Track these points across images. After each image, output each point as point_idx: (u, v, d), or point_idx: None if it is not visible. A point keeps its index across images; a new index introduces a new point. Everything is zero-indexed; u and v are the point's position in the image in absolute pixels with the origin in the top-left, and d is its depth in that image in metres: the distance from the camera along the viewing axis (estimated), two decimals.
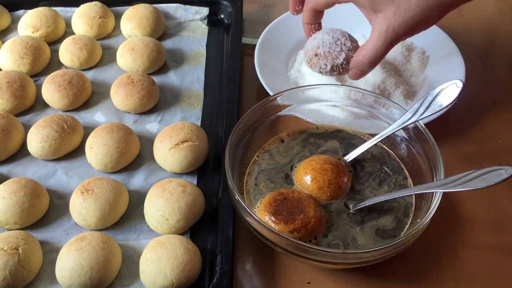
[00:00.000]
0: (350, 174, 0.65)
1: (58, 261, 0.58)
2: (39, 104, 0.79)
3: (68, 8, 0.94)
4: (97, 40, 0.88)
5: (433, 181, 0.60)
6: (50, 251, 0.61)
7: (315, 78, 0.78)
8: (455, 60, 0.80)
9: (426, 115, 0.63)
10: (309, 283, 0.60)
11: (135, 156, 0.71)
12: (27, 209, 0.63)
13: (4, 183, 0.65)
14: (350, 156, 0.66)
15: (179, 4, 0.93)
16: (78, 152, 0.72)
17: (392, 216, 0.61)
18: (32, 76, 0.82)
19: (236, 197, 0.57)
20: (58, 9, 0.92)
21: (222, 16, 0.93)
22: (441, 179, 0.58)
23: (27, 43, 0.83)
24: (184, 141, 0.68)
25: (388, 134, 0.65)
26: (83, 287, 0.56)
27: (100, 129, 0.70)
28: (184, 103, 0.79)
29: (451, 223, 0.66)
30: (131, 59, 0.82)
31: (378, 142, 0.66)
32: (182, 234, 0.62)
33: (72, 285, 0.57)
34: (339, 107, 0.71)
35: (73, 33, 0.91)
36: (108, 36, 0.91)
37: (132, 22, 0.87)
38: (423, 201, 0.60)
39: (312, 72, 0.80)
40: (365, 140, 0.68)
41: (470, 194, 0.67)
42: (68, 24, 0.92)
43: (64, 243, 0.60)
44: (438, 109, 0.63)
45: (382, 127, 0.66)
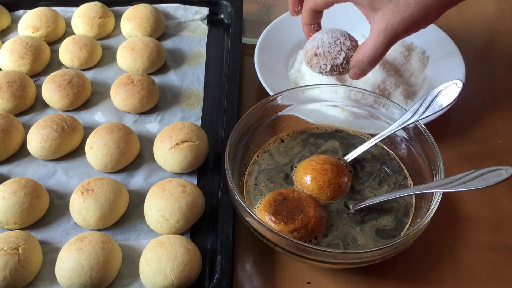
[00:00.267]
0: (350, 174, 0.65)
1: (58, 261, 0.58)
2: (39, 104, 0.79)
3: (68, 8, 0.94)
4: (97, 40, 0.88)
5: (433, 181, 0.60)
6: (50, 251, 0.61)
7: (315, 78, 0.78)
8: (455, 60, 0.80)
9: (426, 115, 0.63)
10: (309, 283, 0.60)
11: (135, 156, 0.71)
12: (27, 209, 0.63)
13: (4, 183, 0.65)
14: (350, 156, 0.66)
15: (179, 4, 0.93)
16: (78, 152, 0.72)
17: (392, 216, 0.61)
18: (32, 76, 0.82)
19: (236, 197, 0.57)
20: (58, 9, 0.92)
21: (222, 16, 0.93)
22: (441, 179, 0.58)
23: (27, 43, 0.83)
24: (184, 141, 0.68)
25: (388, 134, 0.65)
26: (83, 287, 0.56)
27: (100, 129, 0.70)
28: (184, 103, 0.79)
29: (451, 223, 0.66)
30: (131, 59, 0.81)
31: (378, 143, 0.66)
32: (182, 234, 0.62)
33: (72, 285, 0.57)
34: (339, 107, 0.71)
35: (73, 33, 0.91)
36: (108, 36, 0.91)
37: (132, 22, 0.87)
38: (423, 201, 0.60)
39: (312, 72, 0.80)
40: (365, 140, 0.68)
41: (470, 194, 0.67)
42: (68, 24, 0.92)
43: (64, 243, 0.60)
44: (438, 109, 0.63)
45: (382, 127, 0.66)
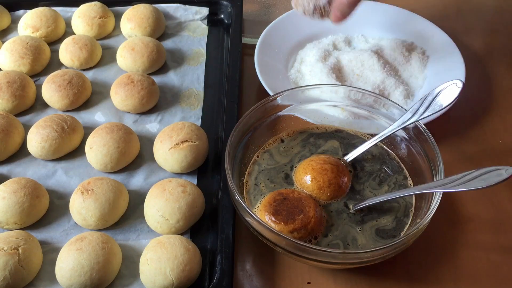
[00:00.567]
0: (350, 174, 0.65)
1: (58, 261, 0.58)
2: (39, 104, 0.79)
3: (68, 8, 0.94)
4: (97, 40, 0.88)
5: (433, 181, 0.60)
6: (50, 251, 0.61)
7: (315, 78, 0.78)
8: (455, 60, 0.80)
9: (426, 115, 0.63)
10: (309, 283, 0.60)
11: (135, 156, 0.71)
12: (27, 209, 0.63)
13: (4, 183, 0.65)
14: (350, 156, 0.66)
15: (179, 4, 0.93)
16: (78, 152, 0.72)
17: (392, 216, 0.61)
18: (32, 76, 0.82)
19: (236, 197, 0.57)
20: (58, 9, 0.92)
21: (222, 16, 0.93)
22: (441, 179, 0.58)
23: (27, 43, 0.83)
24: (184, 141, 0.68)
25: (388, 134, 0.65)
26: (83, 287, 0.56)
27: (100, 129, 0.70)
28: (184, 103, 0.79)
29: (451, 223, 0.66)
30: (131, 59, 0.81)
31: (378, 143, 0.66)
32: (182, 234, 0.62)
33: (72, 285, 0.57)
34: (339, 107, 0.71)
35: (73, 33, 0.91)
36: (108, 36, 0.91)
37: (132, 22, 0.87)
38: (423, 201, 0.60)
39: (312, 72, 0.80)
40: (365, 140, 0.68)
41: (470, 194, 0.67)
42: (68, 24, 0.92)
43: (64, 243, 0.60)
44: (438, 109, 0.63)
45: (382, 127, 0.66)
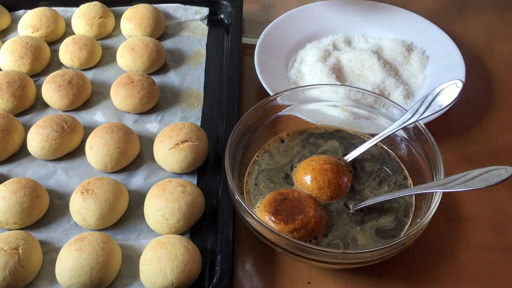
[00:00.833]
0: (350, 174, 0.65)
1: (58, 261, 0.58)
2: (39, 104, 0.79)
3: (68, 8, 0.94)
4: (97, 40, 0.88)
5: (433, 181, 0.60)
6: (50, 251, 0.61)
7: (315, 78, 0.78)
8: (455, 60, 0.80)
9: (426, 115, 0.63)
10: (309, 283, 0.60)
11: (135, 156, 0.71)
12: (27, 209, 0.63)
13: (4, 183, 0.65)
14: (350, 156, 0.66)
15: (179, 4, 0.93)
16: (78, 152, 0.72)
17: (392, 216, 0.61)
18: (32, 76, 0.82)
19: (236, 197, 0.57)
20: (58, 9, 0.92)
21: (222, 16, 0.93)
22: (441, 179, 0.58)
23: (27, 43, 0.83)
24: (184, 141, 0.68)
25: (388, 134, 0.65)
26: (83, 287, 0.56)
27: (100, 129, 0.70)
28: (184, 103, 0.79)
29: (451, 223, 0.66)
30: (131, 59, 0.81)
31: (378, 143, 0.66)
32: (182, 234, 0.62)
33: (72, 285, 0.57)
34: (339, 107, 0.71)
35: (73, 33, 0.91)
36: (108, 36, 0.91)
37: (132, 22, 0.87)
38: (423, 201, 0.60)
39: (312, 72, 0.80)
40: (365, 140, 0.68)
41: (470, 194, 0.67)
42: (68, 24, 0.92)
43: (64, 243, 0.60)
44: (438, 109, 0.63)
45: (382, 127, 0.66)
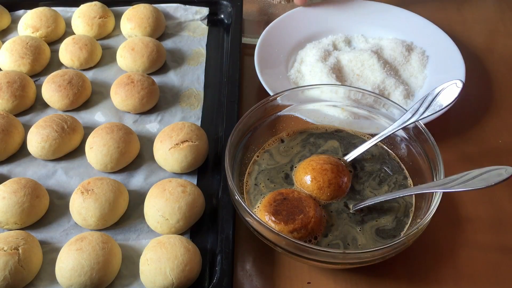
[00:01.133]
0: (350, 174, 0.65)
1: (58, 261, 0.58)
2: (39, 104, 0.79)
3: (68, 8, 0.94)
4: (97, 40, 0.88)
5: (433, 181, 0.60)
6: (50, 251, 0.61)
7: (315, 78, 0.78)
8: (455, 60, 0.80)
9: (426, 115, 0.63)
10: (309, 283, 0.60)
11: (135, 156, 0.71)
12: (27, 209, 0.63)
13: (4, 183, 0.65)
14: (350, 156, 0.66)
15: (179, 4, 0.93)
16: (78, 152, 0.72)
17: (392, 216, 0.61)
18: (32, 76, 0.82)
19: (236, 197, 0.57)
20: (58, 9, 0.92)
21: (222, 16, 0.93)
22: (441, 179, 0.58)
23: (27, 43, 0.83)
24: (184, 141, 0.68)
25: (388, 134, 0.65)
26: (83, 287, 0.56)
27: (100, 129, 0.70)
28: (184, 103, 0.79)
29: (451, 223, 0.66)
30: (131, 59, 0.81)
31: (378, 143, 0.66)
32: (182, 234, 0.62)
33: (72, 285, 0.57)
34: (339, 107, 0.71)
35: (73, 33, 0.91)
36: (108, 36, 0.91)
37: (132, 22, 0.87)
38: (423, 201, 0.60)
39: (312, 72, 0.80)
40: (365, 140, 0.68)
41: (470, 194, 0.67)
42: (68, 24, 0.92)
43: (64, 243, 0.60)
44: (438, 109, 0.63)
45: (382, 127, 0.66)
